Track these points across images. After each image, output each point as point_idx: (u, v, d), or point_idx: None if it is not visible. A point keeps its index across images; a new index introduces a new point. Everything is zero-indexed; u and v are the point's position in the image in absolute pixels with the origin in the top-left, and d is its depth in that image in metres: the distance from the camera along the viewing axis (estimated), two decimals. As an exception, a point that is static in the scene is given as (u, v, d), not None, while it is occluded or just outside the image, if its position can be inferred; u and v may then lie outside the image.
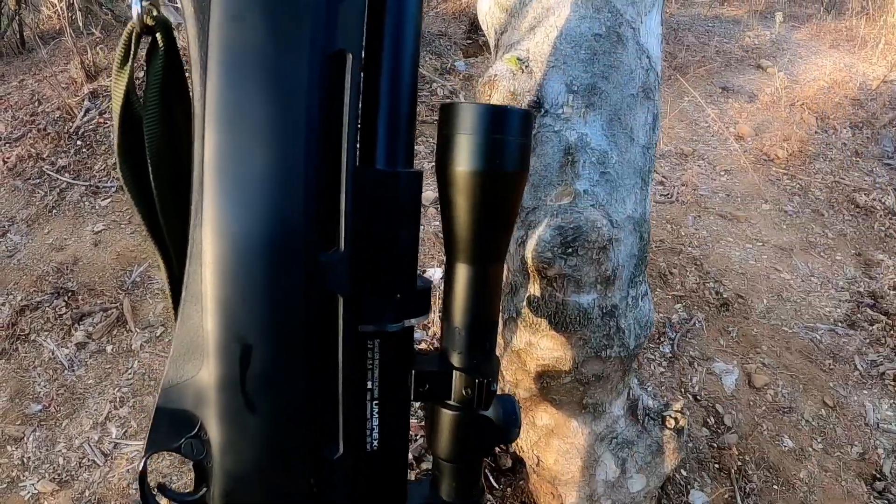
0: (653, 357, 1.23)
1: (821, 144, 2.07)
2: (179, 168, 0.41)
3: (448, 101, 0.46)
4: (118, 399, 1.25)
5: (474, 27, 2.42)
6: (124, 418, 1.22)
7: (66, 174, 1.84)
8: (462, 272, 0.42)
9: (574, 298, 0.63)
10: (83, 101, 2.06)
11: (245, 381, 0.39)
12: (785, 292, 1.51)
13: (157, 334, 1.36)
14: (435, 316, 1.26)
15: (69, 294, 1.49)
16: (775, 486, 1.09)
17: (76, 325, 1.43)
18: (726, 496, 1.03)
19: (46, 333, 1.44)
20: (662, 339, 1.29)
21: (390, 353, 0.41)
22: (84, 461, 1.18)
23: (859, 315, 1.48)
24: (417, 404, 0.87)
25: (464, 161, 0.40)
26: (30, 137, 2.03)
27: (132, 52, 0.39)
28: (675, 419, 0.82)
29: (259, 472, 0.42)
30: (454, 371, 0.44)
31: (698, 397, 1.18)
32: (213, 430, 0.42)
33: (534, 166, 0.62)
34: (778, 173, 1.92)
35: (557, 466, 0.81)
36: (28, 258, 1.63)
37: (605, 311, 0.65)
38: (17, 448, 1.25)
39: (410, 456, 1.00)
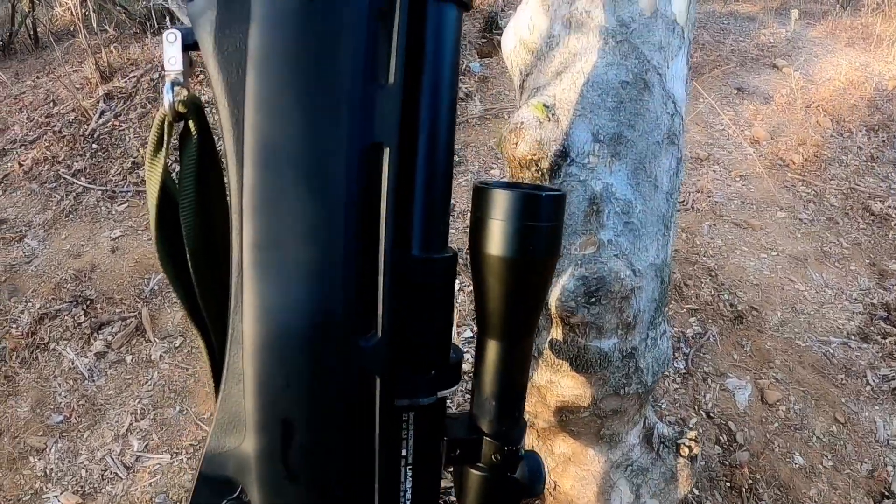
0: (667, 374, 1.25)
1: (836, 148, 2.07)
2: (216, 253, 0.42)
3: (482, 182, 0.47)
4: (139, 411, 1.28)
5: (489, 25, 2.41)
6: (145, 431, 1.24)
7: (83, 178, 1.86)
8: (493, 347, 0.44)
9: (595, 343, 0.64)
10: (98, 102, 2.08)
11: (286, 455, 0.41)
12: (799, 304, 1.52)
13: (177, 345, 1.38)
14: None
15: (88, 302, 1.52)
16: (786, 505, 1.11)
17: (95, 334, 1.46)
18: (739, 517, 1.05)
19: (66, 342, 1.47)
20: (677, 354, 1.31)
21: (424, 423, 0.43)
22: (107, 474, 1.21)
23: (872, 328, 1.49)
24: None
25: (496, 247, 0.41)
26: (45, 140, 2.05)
27: (166, 141, 0.41)
28: (689, 447, 0.84)
29: None
30: (483, 437, 0.46)
31: (711, 414, 1.20)
32: (255, 496, 0.44)
33: (557, 215, 0.63)
34: (793, 179, 1.92)
35: (574, 492, 0.83)
36: (46, 264, 1.66)
37: (625, 353, 0.67)
38: (39, 459, 1.28)
39: None
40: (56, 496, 1.20)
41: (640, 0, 0.65)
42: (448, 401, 0.46)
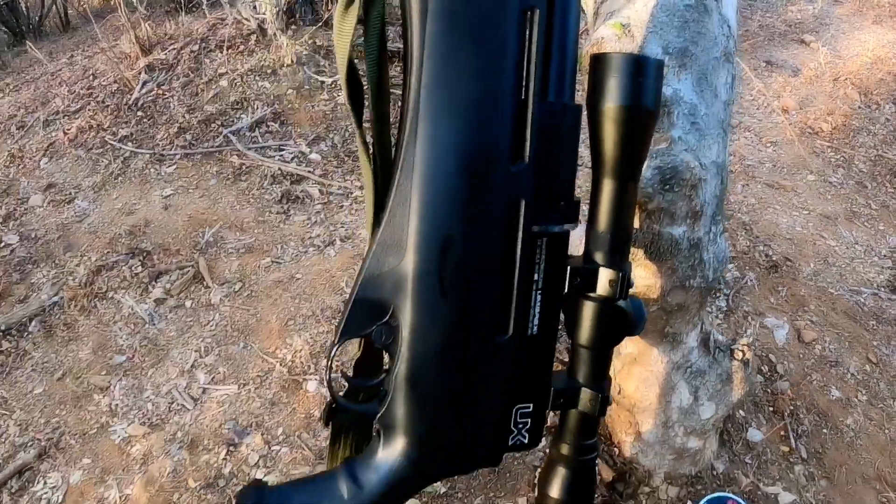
0: (710, 310, 1.35)
1: (864, 119, 2.17)
2: (386, 99, 0.53)
3: (598, 52, 0.57)
4: (203, 349, 1.38)
5: None
6: (211, 365, 1.35)
7: (129, 143, 1.97)
8: (608, 186, 0.54)
9: (668, 230, 0.75)
10: (140, 73, 2.19)
11: (442, 269, 0.51)
12: (830, 257, 1.62)
13: (236, 289, 1.49)
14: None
15: (144, 254, 1.62)
16: (824, 430, 1.20)
17: (153, 283, 1.56)
18: (781, 433, 1.15)
19: (124, 291, 1.57)
20: (718, 294, 1.40)
21: (554, 249, 0.53)
22: (174, 406, 1.31)
23: (903, 281, 1.58)
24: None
25: (614, 98, 0.52)
26: (89, 109, 2.16)
27: (356, 2, 0.51)
28: (742, 352, 0.94)
29: (443, 353, 0.53)
30: (599, 268, 0.56)
31: (752, 347, 1.29)
32: (406, 316, 0.53)
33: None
34: (822, 146, 2.02)
35: (637, 394, 0.93)
36: (98, 222, 1.77)
37: (692, 242, 0.77)
38: (104, 396, 1.37)
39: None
40: (123, 428, 1.30)
41: (705, -72, 0.76)
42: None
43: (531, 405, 0.57)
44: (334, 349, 0.58)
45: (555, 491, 0.64)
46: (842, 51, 2.52)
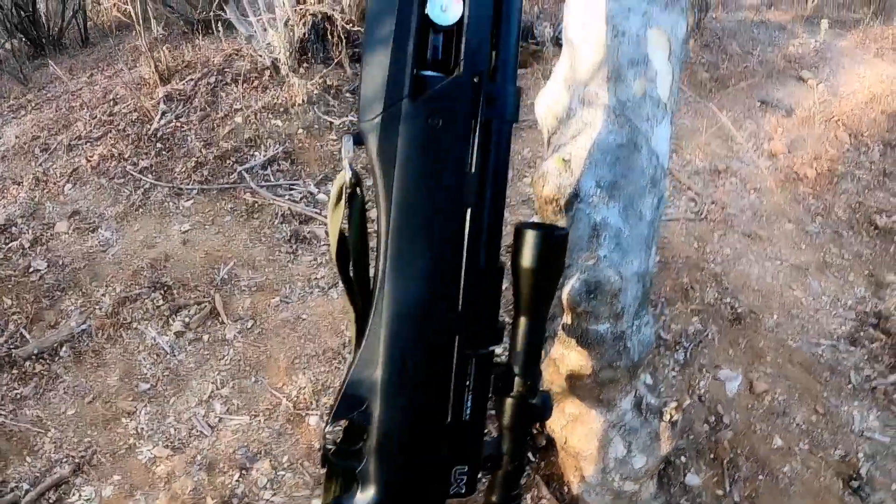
0: (667, 363, 1.61)
1: (850, 163, 2.41)
2: (366, 263, 0.81)
3: (519, 224, 0.84)
4: (219, 381, 1.67)
5: (525, 35, 2.77)
6: (226, 397, 1.64)
7: (149, 175, 2.26)
8: (523, 320, 0.82)
9: (594, 327, 1.02)
10: (158, 104, 2.48)
11: (402, 381, 0.79)
12: (795, 309, 1.87)
13: (248, 326, 1.77)
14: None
15: (165, 288, 1.91)
16: (760, 476, 1.46)
17: (174, 316, 1.85)
18: (717, 479, 1.41)
19: (147, 322, 1.86)
20: (678, 347, 1.67)
21: (481, 363, 0.81)
22: (193, 431, 1.60)
23: (861, 333, 1.83)
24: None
25: (527, 261, 0.79)
26: (110, 137, 2.45)
27: (343, 198, 0.78)
28: (671, 414, 1.20)
29: (401, 432, 0.82)
30: (515, 376, 0.83)
31: (703, 399, 1.56)
32: (377, 407, 0.82)
33: (571, 237, 1.00)
34: (805, 192, 2.27)
35: (580, 445, 1.20)
36: (122, 253, 2.06)
37: (615, 335, 1.04)
38: (131, 420, 1.67)
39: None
40: (149, 450, 1.59)
41: (634, 85, 1.02)
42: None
43: (466, 467, 0.86)
44: (327, 427, 0.87)
45: (489, 531, 0.92)
46: (839, 87, 2.76)
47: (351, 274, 0.81)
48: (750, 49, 2.92)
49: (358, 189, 0.79)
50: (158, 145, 2.36)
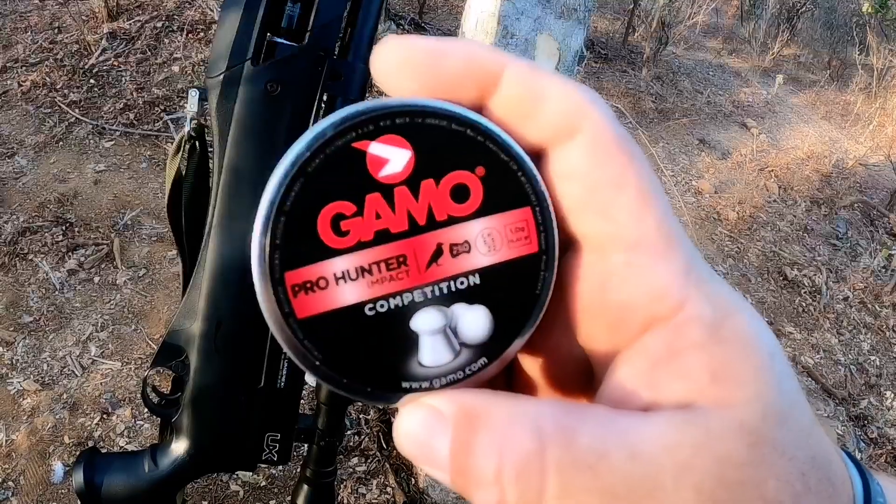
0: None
1: (774, 213, 2.49)
2: (201, 215, 0.83)
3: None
4: (99, 324, 1.67)
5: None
6: (103, 341, 1.64)
7: (76, 109, 2.24)
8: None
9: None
10: (101, 39, 2.45)
11: (216, 337, 0.82)
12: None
13: (140, 275, 1.77)
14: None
15: (67, 224, 1.90)
16: None
17: (70, 254, 1.85)
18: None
19: (43, 256, 1.85)
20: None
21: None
22: (65, 370, 1.61)
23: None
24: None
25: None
26: (46, 65, 2.42)
27: (182, 149, 0.80)
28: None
29: (215, 388, 0.84)
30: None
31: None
32: (193, 360, 0.85)
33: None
34: (722, 233, 2.34)
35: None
36: (32, 184, 2.04)
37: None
38: (7, 350, 1.66)
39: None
40: (20, 381, 1.59)
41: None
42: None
43: (279, 434, 0.89)
44: (148, 372, 0.89)
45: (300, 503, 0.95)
46: (780, 140, 2.85)
47: (185, 224, 0.83)
48: (701, 88, 2.99)
49: (198, 143, 0.81)
50: (91, 81, 2.34)
